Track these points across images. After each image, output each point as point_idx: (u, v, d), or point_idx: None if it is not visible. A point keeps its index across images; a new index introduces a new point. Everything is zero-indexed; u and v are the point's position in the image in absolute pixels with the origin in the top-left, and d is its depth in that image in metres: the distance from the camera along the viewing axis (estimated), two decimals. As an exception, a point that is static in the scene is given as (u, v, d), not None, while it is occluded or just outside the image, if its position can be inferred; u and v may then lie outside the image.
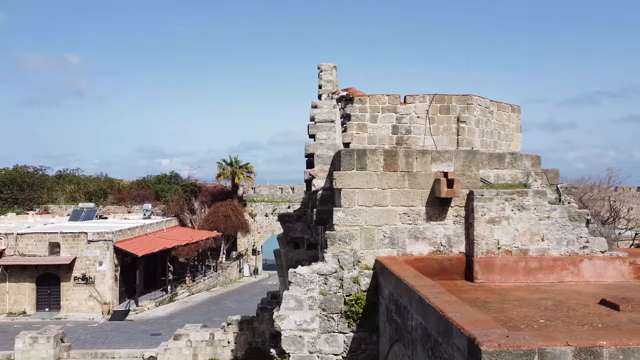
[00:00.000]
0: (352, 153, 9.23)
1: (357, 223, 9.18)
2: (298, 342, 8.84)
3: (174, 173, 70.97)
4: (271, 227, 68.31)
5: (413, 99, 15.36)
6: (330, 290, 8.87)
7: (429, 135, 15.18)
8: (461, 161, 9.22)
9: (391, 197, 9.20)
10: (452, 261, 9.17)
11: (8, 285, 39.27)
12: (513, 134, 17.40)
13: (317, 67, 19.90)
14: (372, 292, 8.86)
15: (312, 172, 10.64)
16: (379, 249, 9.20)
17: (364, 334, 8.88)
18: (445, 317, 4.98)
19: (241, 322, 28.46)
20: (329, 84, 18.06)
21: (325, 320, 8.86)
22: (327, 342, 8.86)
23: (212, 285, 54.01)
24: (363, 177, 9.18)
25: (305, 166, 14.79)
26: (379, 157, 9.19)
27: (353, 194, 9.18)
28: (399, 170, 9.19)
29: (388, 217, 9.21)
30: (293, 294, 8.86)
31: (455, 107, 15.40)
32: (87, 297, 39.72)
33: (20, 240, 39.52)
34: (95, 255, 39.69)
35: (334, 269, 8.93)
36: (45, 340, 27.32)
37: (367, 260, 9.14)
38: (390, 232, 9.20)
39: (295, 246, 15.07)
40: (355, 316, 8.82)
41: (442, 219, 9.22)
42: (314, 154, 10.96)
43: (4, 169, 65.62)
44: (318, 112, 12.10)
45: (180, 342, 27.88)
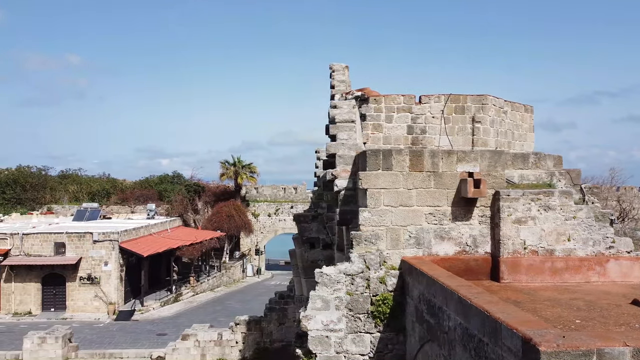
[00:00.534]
0: (377, 153, 9.23)
1: (383, 223, 9.19)
2: (325, 342, 8.84)
3: (176, 173, 71.14)
4: (274, 227, 68.35)
5: (428, 99, 15.37)
6: (357, 291, 8.87)
7: (444, 135, 15.18)
8: (487, 161, 9.23)
9: (417, 197, 9.20)
10: (478, 261, 9.17)
11: (14, 285, 39.27)
12: (526, 134, 17.41)
13: (329, 67, 19.91)
14: (399, 292, 8.86)
15: (334, 172, 10.63)
16: (405, 249, 9.20)
17: (391, 334, 8.88)
18: (493, 317, 4.98)
19: (249, 322, 28.46)
20: (342, 84, 18.04)
21: (352, 320, 8.87)
22: (354, 342, 8.86)
23: (216, 285, 54.03)
24: (389, 177, 9.18)
25: (323, 167, 14.81)
26: (404, 157, 9.20)
27: (379, 194, 9.19)
28: (424, 171, 9.20)
29: (414, 217, 9.21)
30: (320, 294, 8.86)
31: (470, 107, 15.40)
32: (92, 297, 39.72)
33: (26, 241, 39.52)
34: (101, 255, 39.68)
35: (360, 269, 8.93)
36: (53, 341, 27.31)
37: (392, 261, 9.14)
38: (416, 232, 9.21)
39: (310, 246, 15.10)
40: (382, 316, 8.82)
41: (468, 219, 9.22)
42: (336, 154, 10.95)
43: (7, 169, 65.69)
44: (338, 112, 12.10)
45: (188, 342, 27.87)
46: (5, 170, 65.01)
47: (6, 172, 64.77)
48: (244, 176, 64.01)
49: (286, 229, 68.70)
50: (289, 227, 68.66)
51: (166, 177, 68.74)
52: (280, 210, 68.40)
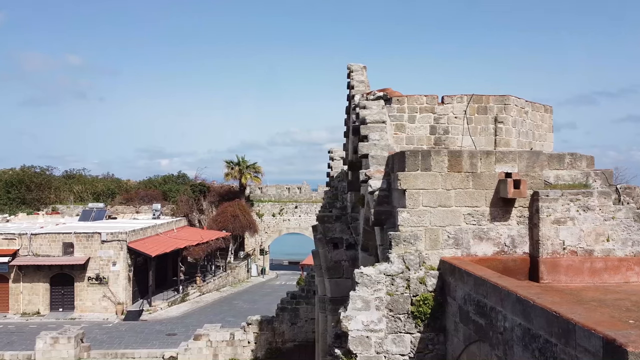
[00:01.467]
0: (416, 154, 9.25)
1: (421, 224, 9.21)
2: (365, 342, 8.85)
3: (180, 173, 71.12)
4: (278, 227, 68.37)
5: (451, 99, 15.39)
6: (397, 291, 8.89)
7: (467, 135, 15.21)
8: (525, 162, 9.25)
9: (455, 197, 9.22)
10: (517, 262, 9.19)
11: (22, 285, 39.31)
12: (546, 134, 17.43)
13: (346, 67, 19.95)
14: (439, 293, 8.87)
15: (367, 173, 10.64)
16: (444, 249, 9.22)
17: (431, 334, 8.90)
18: (564, 317, 5.00)
19: (261, 322, 28.50)
20: (361, 85, 18.07)
21: (392, 320, 8.88)
22: (394, 343, 8.88)
23: (222, 285, 54.05)
24: (427, 177, 9.20)
25: (348, 167, 14.82)
26: (443, 157, 9.22)
27: (418, 194, 9.20)
28: (463, 171, 9.22)
29: (452, 218, 9.23)
30: (360, 295, 8.88)
31: (492, 108, 15.43)
32: (100, 297, 39.75)
33: (34, 241, 39.55)
34: (109, 255, 39.70)
35: (400, 270, 8.95)
36: (66, 341, 27.32)
37: (431, 261, 9.16)
38: (454, 233, 9.22)
39: (334, 246, 15.12)
40: (422, 317, 8.84)
41: (506, 220, 9.24)
42: (368, 155, 10.97)
43: (12, 169, 65.65)
44: (368, 112, 12.11)
45: (200, 343, 27.89)
46: (10, 171, 64.97)
47: (10, 172, 64.74)
48: (249, 176, 63.99)
49: (290, 229, 68.77)
50: (293, 227, 68.77)
51: (170, 177, 68.74)
52: (284, 210, 68.43)
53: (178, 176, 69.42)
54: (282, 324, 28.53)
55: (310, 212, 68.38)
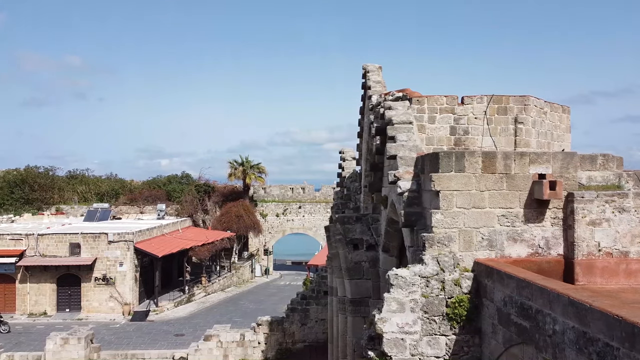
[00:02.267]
0: (450, 155, 9.21)
1: (455, 225, 9.16)
2: (400, 344, 8.81)
3: (184, 173, 71.03)
4: (282, 228, 68.31)
5: (471, 99, 15.35)
6: (432, 293, 8.84)
7: (488, 136, 15.16)
8: (559, 163, 9.21)
9: (489, 199, 9.18)
10: (551, 263, 9.14)
11: (29, 285, 39.25)
12: (564, 135, 17.40)
13: (362, 67, 19.92)
14: (474, 294, 8.83)
15: (397, 174, 10.60)
16: (478, 251, 9.17)
17: (467, 336, 8.85)
18: (629, 321, 4.96)
19: (271, 323, 28.46)
20: (377, 85, 18.05)
21: (427, 322, 8.84)
22: (429, 345, 8.83)
23: (227, 286, 54.01)
24: (461, 179, 9.16)
25: (370, 168, 14.77)
26: (477, 159, 9.17)
27: (451, 196, 9.16)
28: (497, 172, 9.17)
29: (486, 219, 9.19)
30: (395, 297, 8.83)
31: (512, 108, 15.39)
32: (107, 298, 39.69)
33: (41, 241, 39.48)
34: (116, 255, 39.65)
35: (435, 271, 8.90)
36: (76, 342, 27.25)
37: (465, 263, 9.11)
38: (488, 234, 9.18)
39: (354, 247, 15.07)
40: (458, 319, 8.79)
41: (540, 221, 9.20)
42: (396, 156, 10.92)
43: (16, 169, 65.53)
44: (394, 113, 12.07)
45: (210, 343, 27.84)
46: (14, 171, 64.85)
47: (14, 172, 64.62)
48: (252, 176, 63.92)
49: (294, 229, 68.72)
50: (297, 227, 68.72)
51: (174, 178, 68.67)
52: (288, 211, 68.36)
53: (182, 176, 69.35)
54: (293, 324, 28.49)
55: (314, 212, 68.40)
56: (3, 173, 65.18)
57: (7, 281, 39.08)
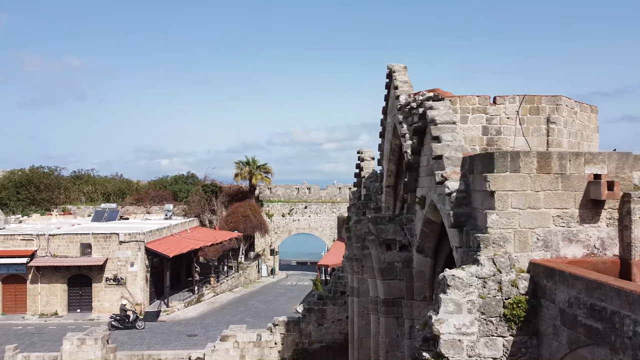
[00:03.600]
0: (505, 155, 9.17)
1: (510, 226, 9.12)
2: (457, 345, 8.76)
3: (190, 173, 70.92)
4: (288, 228, 68.25)
5: (503, 99, 15.30)
6: (489, 294, 8.80)
7: (520, 136, 15.12)
8: (615, 163, 9.18)
9: (544, 199, 9.14)
10: (607, 264, 9.10)
11: (40, 286, 39.16)
12: (592, 135, 17.37)
13: (387, 67, 19.86)
14: (531, 295, 8.79)
15: (444, 174, 10.55)
16: (533, 251, 9.13)
17: (524, 337, 8.81)
18: None
19: (288, 323, 28.36)
20: (405, 85, 18.00)
21: (484, 323, 8.79)
22: (486, 346, 8.79)
23: (234, 286, 53.95)
24: (517, 179, 9.11)
25: (405, 168, 14.72)
26: (532, 159, 9.13)
27: (507, 196, 9.12)
28: (552, 173, 9.13)
29: (541, 220, 9.15)
30: (452, 298, 8.78)
31: (544, 108, 15.35)
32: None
33: (52, 241, 39.38)
34: (127, 256, 39.56)
35: (492, 272, 8.86)
36: (92, 342, 27.14)
37: (520, 263, 9.07)
38: (543, 235, 9.14)
39: (387, 248, 15.02)
40: (516, 319, 8.75)
41: (595, 222, 9.17)
42: (442, 156, 10.88)
43: (21, 169, 65.35)
44: (436, 113, 12.03)
45: (227, 343, 27.75)
46: (19, 171, 64.68)
47: (19, 172, 64.46)
48: (259, 176, 63.82)
49: (300, 229, 68.67)
50: (303, 227, 68.67)
51: (180, 178, 68.56)
52: (294, 211, 68.30)
53: (187, 176, 69.24)
54: (309, 324, 28.40)
55: (320, 212, 68.35)
56: (8, 173, 65.01)
57: (18, 281, 38.99)
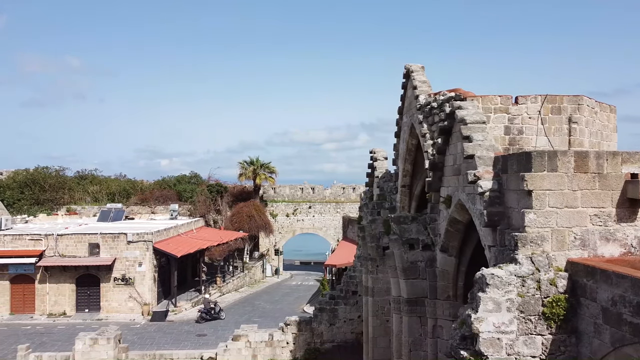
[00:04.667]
0: (542, 154, 9.22)
1: (548, 225, 9.17)
2: (496, 344, 8.81)
3: (193, 173, 70.97)
4: (292, 228, 68.31)
5: (525, 99, 15.33)
6: (528, 293, 8.84)
7: (542, 135, 15.16)
8: (651, 162, 9.23)
9: (581, 198, 9.19)
10: (644, 263, 9.15)
11: (48, 286, 39.17)
12: (611, 134, 17.43)
13: (404, 67, 19.90)
14: (570, 294, 8.84)
15: (477, 173, 10.60)
16: (570, 250, 9.19)
17: (563, 336, 8.86)
18: None
19: (299, 323, 28.43)
20: (423, 85, 18.05)
21: (523, 322, 8.84)
22: (525, 344, 8.83)
23: (240, 286, 53.98)
24: (554, 178, 9.16)
25: (429, 168, 14.75)
26: (569, 158, 9.18)
27: (544, 195, 9.17)
28: (589, 172, 9.19)
29: (579, 219, 9.20)
30: (491, 297, 8.83)
31: (566, 108, 15.39)
32: (126, 298, 39.61)
33: (60, 241, 39.39)
34: (135, 256, 39.58)
35: (530, 271, 8.91)
36: (105, 342, 27.17)
37: (558, 262, 9.12)
38: (580, 234, 9.19)
39: (410, 247, 15.06)
40: (555, 318, 8.79)
41: (633, 220, 9.22)
42: (474, 155, 10.93)
43: (25, 170, 65.35)
44: (466, 113, 12.07)
45: (239, 343, 27.81)
46: (23, 171, 64.68)
47: (24, 172, 64.45)
48: (263, 176, 63.81)
49: (304, 229, 68.71)
50: (307, 227, 68.71)
51: (184, 178, 68.59)
52: (298, 211, 68.35)
53: (191, 176, 69.28)
54: (321, 324, 28.46)
55: (324, 212, 68.41)
56: (12, 174, 65.00)
57: (26, 281, 38.98)
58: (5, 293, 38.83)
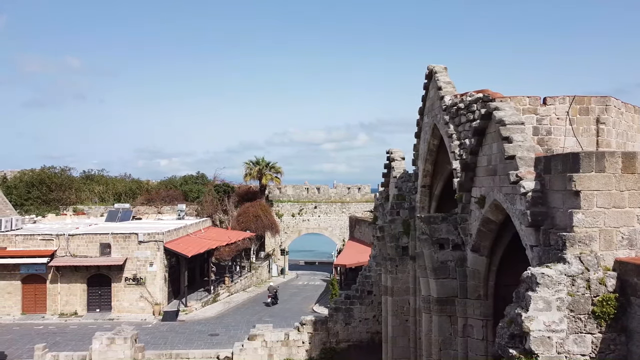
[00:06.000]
0: (590, 155, 9.32)
1: (596, 225, 9.28)
2: (547, 342, 8.91)
3: (199, 173, 71.07)
4: (297, 228, 68.40)
5: (553, 100, 15.44)
6: (578, 292, 8.94)
7: (570, 136, 15.27)
8: (697, 163, 9.33)
9: (629, 198, 9.30)
10: (690, 262, 9.26)
11: (59, 286, 39.26)
12: (635, 135, 17.54)
13: (426, 68, 20.01)
14: (620, 293, 8.94)
15: (519, 174, 10.70)
16: (617, 250, 9.29)
17: (613, 334, 8.96)
18: None
19: (315, 323, 28.54)
20: (448, 86, 18.15)
21: (573, 321, 8.94)
22: (575, 343, 8.94)
23: (247, 286, 54.07)
24: (602, 179, 9.27)
25: (461, 168, 14.85)
26: (617, 159, 9.29)
27: (592, 195, 9.27)
28: (636, 172, 9.30)
29: (626, 219, 9.31)
30: (541, 296, 8.93)
31: (594, 109, 15.50)
32: (137, 298, 39.69)
33: (72, 241, 39.46)
34: (146, 256, 39.67)
35: (580, 270, 9.01)
36: (122, 341, 27.27)
37: (606, 262, 9.23)
38: (628, 234, 9.30)
39: (440, 247, 15.16)
40: (605, 317, 8.90)
41: (679, 221, 9.32)
42: (515, 156, 11.04)
43: (31, 170, 65.41)
44: (504, 114, 12.18)
45: (255, 343, 27.92)
46: (30, 171, 64.73)
47: (30, 172, 64.51)
48: (269, 176, 63.87)
49: (310, 229, 68.81)
50: (313, 227, 68.81)
51: (190, 178, 68.69)
52: (304, 211, 68.46)
53: (197, 176, 69.37)
54: (336, 324, 28.57)
55: (329, 213, 68.52)
56: (19, 174, 65.06)
57: (37, 281, 39.05)
58: (17, 293, 38.89)
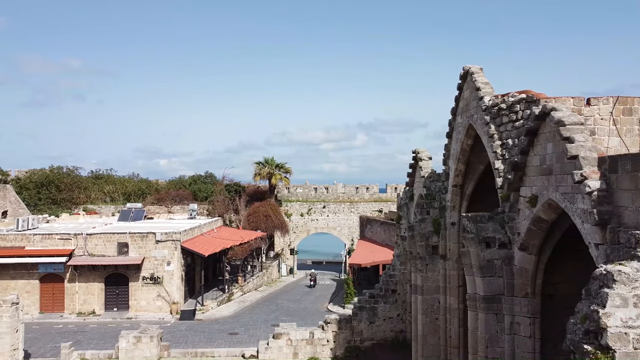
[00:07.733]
0: (664, 155, 9.52)
1: (668, 224, 9.48)
2: (623, 338, 9.09)
3: (208, 173, 71.19)
4: (306, 227, 68.55)
5: (597, 101, 15.62)
6: (655, 289, 9.15)
7: (614, 136, 15.47)
8: None
9: (701, 198, 9.50)
10: None
11: (77, 285, 39.37)
12: (671, 135, 17.75)
13: (462, 69, 20.20)
14: (694, 290, 9.15)
15: (583, 173, 10.89)
16: (690, 248, 9.49)
17: (688, 330, 9.17)
18: None
19: (339, 321, 28.74)
20: (486, 86, 18.36)
21: (649, 317, 9.14)
22: (652, 339, 9.13)
23: (259, 285, 54.23)
24: (674, 178, 9.47)
25: (511, 168, 15.03)
26: (690, 159, 9.49)
27: (665, 195, 9.48)
28: None
29: (698, 218, 9.51)
30: (618, 292, 9.11)
31: (637, 109, 15.69)
32: (155, 297, 39.83)
33: (90, 241, 39.59)
34: (164, 255, 39.81)
35: (656, 268, 9.21)
36: (148, 340, 27.45)
37: (678, 260, 9.43)
38: (700, 232, 9.50)
39: (486, 245, 15.35)
40: (681, 313, 9.10)
41: None
42: (578, 156, 11.23)
43: (40, 170, 65.47)
44: (562, 114, 12.37)
45: (280, 341, 28.10)
46: (39, 172, 64.79)
47: (40, 172, 64.56)
48: (279, 176, 64.03)
49: (319, 228, 68.97)
50: (322, 226, 68.96)
51: (199, 178, 68.81)
52: (312, 210, 68.61)
53: (206, 176, 69.51)
54: (361, 322, 28.77)
55: (338, 212, 68.69)
56: (29, 174, 65.11)
57: (55, 280, 39.17)
58: (35, 292, 39.01)
